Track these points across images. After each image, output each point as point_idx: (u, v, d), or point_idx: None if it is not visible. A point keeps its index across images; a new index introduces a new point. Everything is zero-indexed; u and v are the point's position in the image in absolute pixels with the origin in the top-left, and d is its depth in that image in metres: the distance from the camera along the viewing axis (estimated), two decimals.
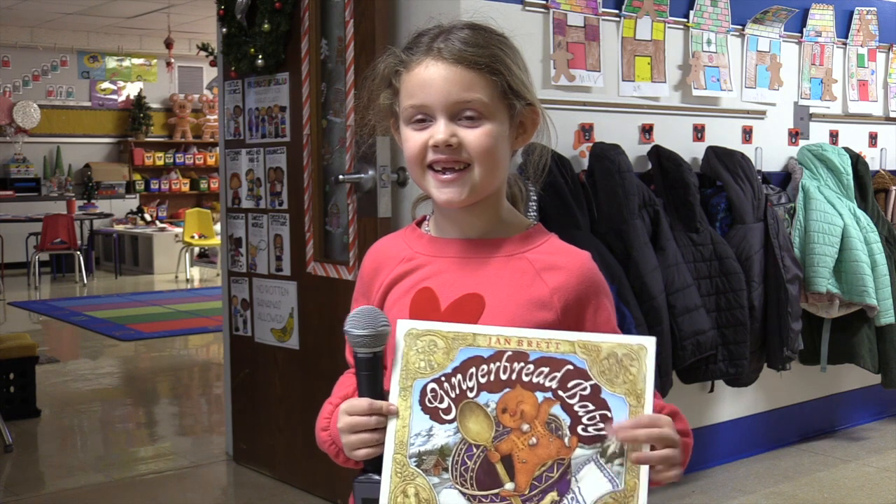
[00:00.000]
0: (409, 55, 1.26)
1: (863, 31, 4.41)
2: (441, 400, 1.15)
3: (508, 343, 1.14)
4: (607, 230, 3.18)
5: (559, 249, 1.31)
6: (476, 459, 1.14)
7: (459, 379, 1.15)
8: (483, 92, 1.23)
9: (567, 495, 1.11)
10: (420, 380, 1.16)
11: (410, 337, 1.18)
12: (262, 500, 3.50)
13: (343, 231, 3.33)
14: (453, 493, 1.14)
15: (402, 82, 1.26)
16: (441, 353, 1.16)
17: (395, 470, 1.16)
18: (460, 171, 1.24)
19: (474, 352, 1.15)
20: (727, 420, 3.86)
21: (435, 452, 1.15)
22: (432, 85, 1.23)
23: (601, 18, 3.40)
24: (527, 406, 1.13)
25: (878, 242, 3.90)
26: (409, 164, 1.29)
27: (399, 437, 1.16)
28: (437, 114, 1.23)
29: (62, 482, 3.77)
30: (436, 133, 1.23)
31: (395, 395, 1.17)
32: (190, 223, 10.39)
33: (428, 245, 1.32)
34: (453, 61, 1.22)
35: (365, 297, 1.36)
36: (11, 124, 11.82)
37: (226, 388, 3.95)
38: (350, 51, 3.13)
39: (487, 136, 1.24)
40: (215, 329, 6.96)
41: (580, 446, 1.11)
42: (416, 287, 1.29)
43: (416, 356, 1.17)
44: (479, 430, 1.14)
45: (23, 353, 4.62)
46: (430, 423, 1.15)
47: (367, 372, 1.18)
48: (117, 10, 10.84)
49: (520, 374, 1.13)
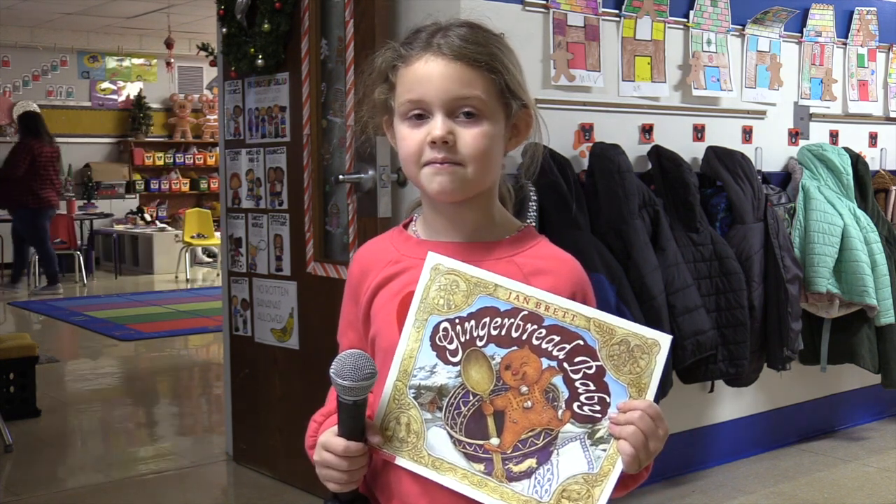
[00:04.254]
0: (408, 49, 1.25)
1: (863, 31, 4.41)
2: (451, 341, 1.17)
3: (527, 303, 1.15)
4: (607, 230, 3.18)
5: (548, 254, 1.30)
6: (470, 407, 1.15)
7: (472, 325, 1.16)
8: (481, 89, 1.22)
9: (544, 465, 1.12)
10: (435, 316, 1.18)
11: (435, 272, 1.19)
12: (262, 500, 3.50)
13: (343, 231, 3.33)
14: (442, 432, 1.16)
15: (399, 77, 1.25)
16: (461, 295, 1.17)
17: (394, 396, 1.18)
18: (454, 164, 1.23)
19: (492, 302, 1.16)
20: (727, 420, 3.86)
21: (433, 390, 1.16)
22: (431, 80, 1.22)
23: (601, 18, 3.40)
24: (530, 369, 1.13)
25: (878, 242, 3.90)
26: (404, 161, 1.27)
27: (404, 366, 1.18)
28: (435, 109, 1.22)
29: (62, 482, 3.77)
30: (433, 129, 1.21)
31: (410, 324, 1.19)
32: (190, 223, 10.39)
33: (415, 247, 1.30)
34: (453, 57, 1.22)
35: (353, 300, 1.35)
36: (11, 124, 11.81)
37: (226, 388, 3.95)
38: (350, 51, 3.13)
39: (483, 136, 1.23)
40: (215, 329, 6.96)
41: (571, 422, 1.12)
42: (403, 291, 1.27)
43: (436, 292, 1.19)
44: (479, 380, 1.15)
45: (23, 353, 4.61)
46: (436, 360, 1.17)
47: (345, 416, 1.17)
48: (117, 10, 10.83)
49: (531, 336, 1.14)
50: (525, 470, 1.12)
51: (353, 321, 1.35)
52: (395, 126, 1.28)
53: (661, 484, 3.57)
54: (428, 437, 1.16)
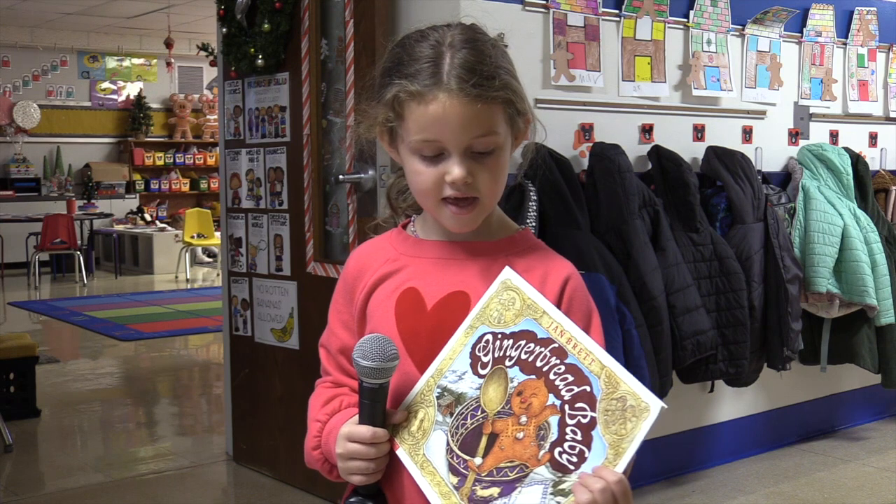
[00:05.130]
0: (414, 83, 1.20)
1: (863, 31, 4.41)
2: (487, 353, 1.18)
3: (561, 336, 1.15)
4: (607, 230, 3.18)
5: (544, 258, 1.30)
6: (475, 422, 1.16)
7: (510, 344, 1.17)
8: (498, 126, 1.22)
9: (504, 498, 1.11)
10: (485, 326, 1.19)
11: (503, 286, 1.21)
12: (262, 500, 3.50)
13: (343, 231, 3.33)
14: (443, 437, 1.17)
15: (409, 112, 1.22)
16: (513, 312, 1.18)
17: (422, 390, 1.20)
18: (472, 200, 1.23)
19: (534, 327, 1.17)
20: (727, 420, 3.86)
21: (454, 395, 1.18)
22: (448, 123, 1.19)
23: (601, 18, 3.40)
24: (537, 401, 1.13)
25: (878, 242, 3.90)
26: (418, 194, 1.26)
27: (441, 365, 1.20)
28: (452, 150, 1.21)
29: (62, 482, 3.77)
30: (452, 170, 1.20)
31: (463, 328, 1.20)
32: (190, 223, 10.39)
33: (413, 246, 1.32)
34: (468, 100, 1.19)
35: (348, 300, 1.34)
36: (11, 124, 11.82)
37: (226, 388, 3.95)
38: (350, 51, 3.13)
39: (500, 169, 1.24)
40: (215, 329, 6.96)
41: (547, 465, 1.11)
42: (400, 287, 1.28)
43: (496, 304, 1.20)
44: (492, 398, 1.16)
45: (23, 353, 4.62)
46: (468, 368, 1.18)
47: (369, 401, 1.18)
48: (117, 10, 10.84)
49: (550, 370, 1.14)
50: (486, 497, 1.12)
51: (347, 321, 1.34)
52: (404, 155, 1.27)
53: (661, 484, 3.57)
54: (431, 438, 1.17)
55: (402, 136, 1.25)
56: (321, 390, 1.36)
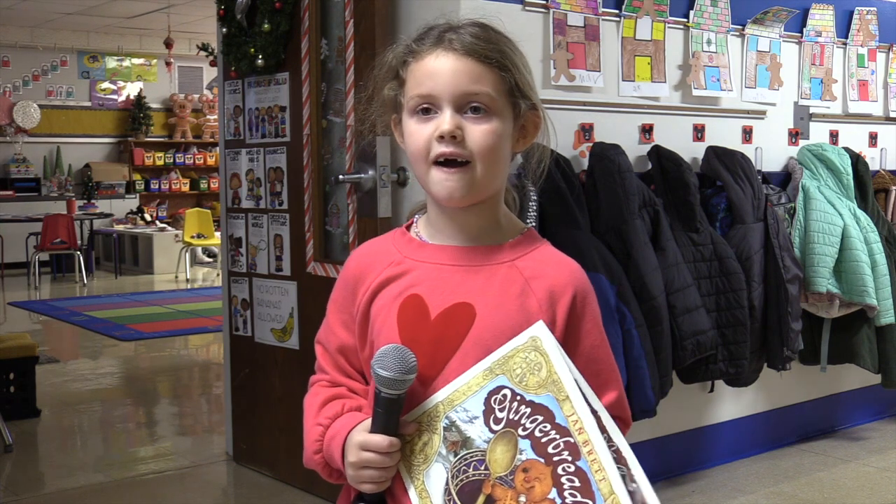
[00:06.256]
0: (419, 45, 1.25)
1: (863, 31, 4.41)
2: (502, 409, 1.15)
3: (579, 433, 1.12)
4: (607, 230, 3.18)
5: (549, 258, 1.29)
6: (476, 474, 1.14)
7: (526, 412, 1.15)
8: (491, 86, 1.22)
9: None
10: (505, 378, 1.17)
11: (533, 342, 1.17)
12: (262, 500, 3.50)
13: (343, 231, 3.33)
14: (443, 474, 1.15)
15: (409, 72, 1.25)
16: (536, 380, 1.16)
17: (431, 412, 1.18)
18: (462, 165, 1.22)
19: (555, 407, 1.14)
20: (727, 420, 3.86)
21: (462, 436, 1.16)
22: (441, 75, 1.22)
23: (601, 18, 3.40)
24: (539, 488, 1.12)
25: (878, 242, 3.90)
26: (412, 158, 1.26)
27: (454, 396, 1.18)
28: (444, 104, 1.21)
29: (62, 482, 3.77)
30: (441, 123, 1.21)
31: (482, 367, 1.18)
32: (190, 223, 10.39)
33: (417, 250, 1.30)
34: (463, 53, 1.22)
35: (349, 300, 1.33)
36: (11, 124, 11.82)
37: (226, 388, 3.95)
38: (350, 51, 3.13)
39: (492, 133, 1.22)
40: (215, 329, 6.96)
41: None
42: (404, 293, 1.26)
43: (521, 360, 1.17)
44: (498, 460, 1.14)
45: (23, 353, 4.62)
46: (480, 415, 1.16)
47: (384, 411, 1.17)
48: (117, 10, 10.84)
49: (560, 463, 1.12)
50: None
51: (346, 321, 1.33)
52: (404, 122, 1.27)
53: (661, 484, 3.57)
54: (432, 468, 1.16)
55: (403, 105, 1.27)
56: (318, 389, 1.34)
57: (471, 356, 1.21)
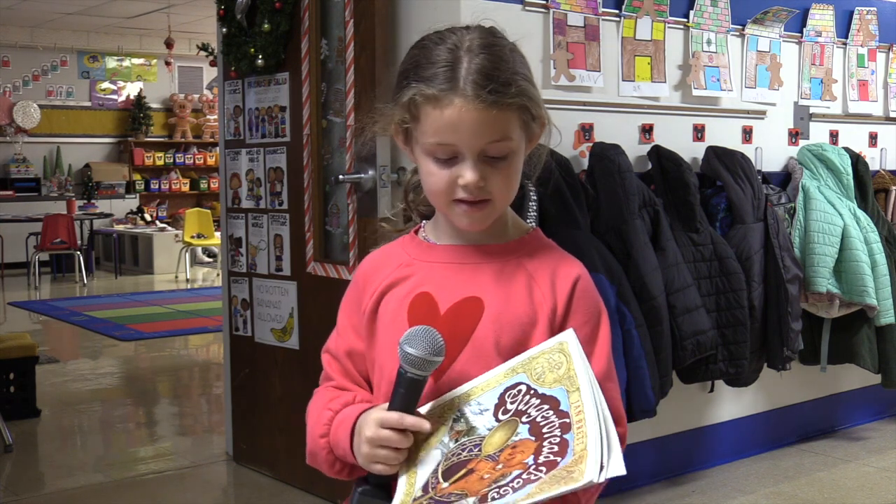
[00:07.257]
0: (430, 86, 1.20)
1: (863, 31, 4.41)
2: (513, 402, 1.16)
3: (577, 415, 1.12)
4: (607, 230, 3.18)
5: (554, 258, 1.31)
6: (468, 457, 1.15)
7: (536, 404, 1.15)
8: (513, 132, 1.22)
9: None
10: (525, 376, 1.18)
11: (558, 347, 1.18)
12: (262, 500, 3.50)
13: (343, 231, 3.33)
14: (438, 458, 1.16)
15: (425, 114, 1.22)
16: (553, 376, 1.16)
17: (446, 405, 1.20)
18: (485, 201, 1.23)
19: (563, 398, 1.14)
20: (727, 420, 3.86)
21: (468, 425, 1.17)
22: (463, 128, 1.19)
23: (601, 18, 3.40)
24: (519, 457, 1.12)
25: (878, 242, 3.90)
26: (431, 194, 1.27)
27: (471, 392, 1.19)
28: (466, 153, 1.21)
29: (62, 482, 3.77)
30: (465, 174, 1.21)
31: (505, 367, 1.19)
32: (190, 223, 10.39)
33: (426, 251, 1.32)
34: (484, 106, 1.19)
35: (356, 302, 1.34)
36: (11, 124, 11.82)
37: (226, 388, 3.95)
38: (350, 51, 3.13)
39: (514, 174, 1.24)
40: (215, 329, 6.96)
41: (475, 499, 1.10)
42: (413, 291, 1.28)
43: (545, 360, 1.18)
44: (492, 443, 1.15)
45: (23, 353, 4.62)
46: (491, 407, 1.17)
47: (405, 391, 1.17)
48: (117, 10, 10.84)
49: (548, 438, 1.12)
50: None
51: (356, 325, 1.34)
52: (418, 155, 1.27)
53: (661, 484, 3.57)
54: (430, 452, 1.17)
55: (416, 137, 1.26)
56: (325, 390, 1.35)
57: (481, 348, 1.23)
